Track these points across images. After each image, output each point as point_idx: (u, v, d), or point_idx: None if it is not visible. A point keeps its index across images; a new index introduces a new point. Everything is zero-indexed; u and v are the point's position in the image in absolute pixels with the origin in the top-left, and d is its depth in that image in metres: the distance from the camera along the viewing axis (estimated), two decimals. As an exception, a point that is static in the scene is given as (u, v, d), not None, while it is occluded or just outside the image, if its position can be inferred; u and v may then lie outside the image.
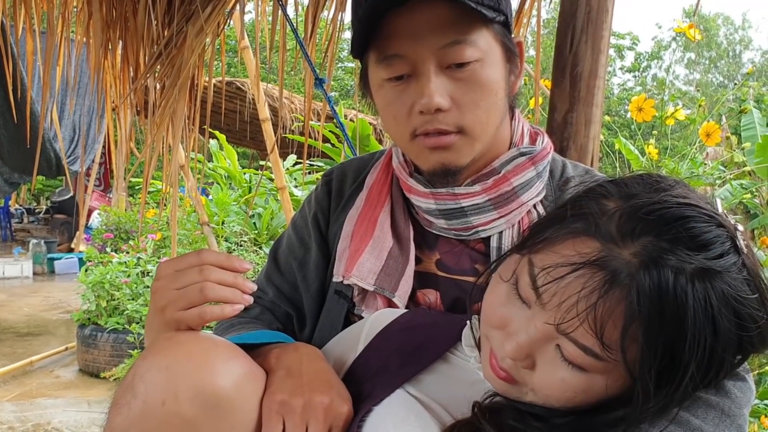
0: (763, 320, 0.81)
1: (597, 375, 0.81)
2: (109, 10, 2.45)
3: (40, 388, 5.06)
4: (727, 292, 0.78)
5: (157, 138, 2.56)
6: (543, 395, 0.85)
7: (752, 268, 0.81)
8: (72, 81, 3.69)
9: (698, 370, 0.78)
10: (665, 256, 0.77)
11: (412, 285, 1.19)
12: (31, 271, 10.71)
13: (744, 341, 0.81)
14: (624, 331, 0.76)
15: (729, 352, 0.80)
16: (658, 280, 0.76)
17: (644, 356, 0.77)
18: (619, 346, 0.77)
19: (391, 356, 1.01)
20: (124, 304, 5.38)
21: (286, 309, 1.34)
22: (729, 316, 0.78)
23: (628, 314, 0.76)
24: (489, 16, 1.05)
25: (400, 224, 1.24)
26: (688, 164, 2.48)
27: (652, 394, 0.78)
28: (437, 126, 1.09)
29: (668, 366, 0.78)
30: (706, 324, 0.76)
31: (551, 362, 0.84)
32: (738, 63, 37.19)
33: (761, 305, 0.81)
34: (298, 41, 2.44)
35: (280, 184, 4.51)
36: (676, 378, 0.78)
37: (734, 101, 14.22)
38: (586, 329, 0.78)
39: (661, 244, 0.77)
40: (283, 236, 1.42)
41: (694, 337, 0.76)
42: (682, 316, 0.76)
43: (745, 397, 0.89)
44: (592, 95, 1.52)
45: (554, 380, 0.84)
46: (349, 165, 1.40)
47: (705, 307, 0.76)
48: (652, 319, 0.76)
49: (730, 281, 0.78)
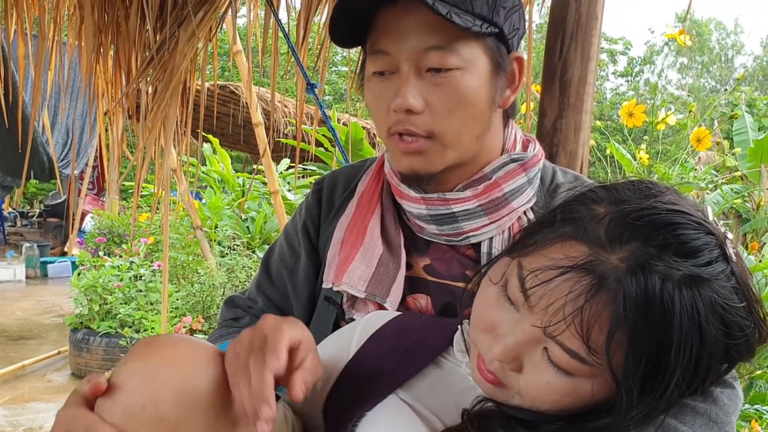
0: (750, 329, 0.81)
1: (583, 379, 0.81)
2: (101, 14, 2.44)
3: (33, 392, 5.04)
4: (714, 300, 0.78)
5: (148, 142, 2.56)
6: (529, 398, 0.85)
7: (741, 277, 0.82)
8: (64, 85, 3.67)
9: (684, 377, 0.78)
10: (653, 261, 0.77)
11: (402, 291, 1.19)
12: (24, 275, 10.68)
13: (731, 349, 0.81)
14: (610, 336, 0.76)
15: (715, 359, 0.80)
16: (645, 285, 0.76)
17: (629, 361, 0.77)
18: (605, 351, 0.77)
19: (384, 360, 1.00)
20: (117, 308, 5.37)
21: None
22: (716, 324, 0.78)
23: (614, 319, 0.76)
24: (462, 26, 1.04)
25: (391, 231, 1.24)
26: (679, 169, 2.49)
27: (636, 400, 0.78)
28: (408, 127, 1.09)
29: (653, 372, 0.78)
30: (693, 331, 0.76)
31: (538, 365, 0.84)
32: (730, 68, 37.33)
33: (749, 314, 0.81)
34: (290, 46, 2.44)
35: (272, 188, 4.51)
36: (662, 385, 0.78)
37: (726, 106, 14.27)
38: (572, 333, 0.78)
39: (649, 249, 0.77)
40: (275, 245, 1.42)
41: (680, 343, 0.76)
42: (669, 322, 0.76)
43: (733, 404, 0.89)
44: (581, 101, 1.53)
45: (540, 383, 0.84)
46: (340, 173, 1.40)
47: (692, 314, 0.76)
48: (637, 325, 0.75)
49: (718, 289, 0.78)
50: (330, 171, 1.42)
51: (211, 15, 2.35)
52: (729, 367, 0.86)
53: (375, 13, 1.09)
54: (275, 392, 0.94)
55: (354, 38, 1.16)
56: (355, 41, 1.17)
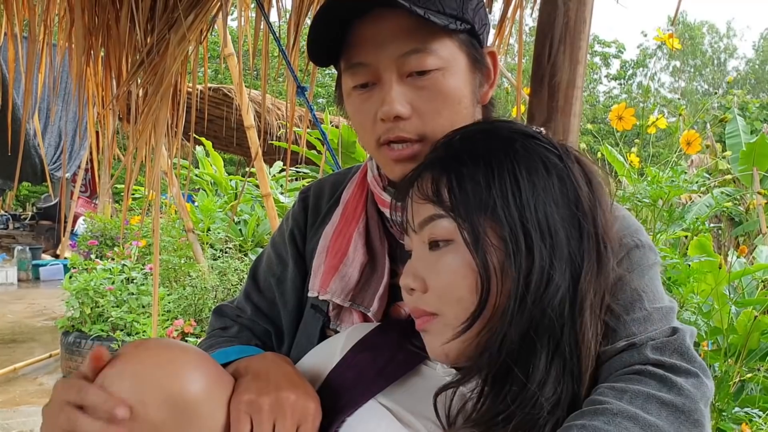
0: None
1: (458, 244, 0.92)
2: (92, 17, 2.43)
3: (24, 395, 5.03)
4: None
5: (139, 145, 2.55)
6: (443, 295, 0.93)
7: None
8: (56, 87, 3.67)
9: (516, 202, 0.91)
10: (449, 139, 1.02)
11: (386, 300, 1.19)
12: (16, 278, 10.67)
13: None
14: (434, 183, 0.94)
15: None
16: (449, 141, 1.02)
17: (454, 192, 0.93)
18: (442, 195, 0.93)
19: (365, 369, 1.02)
20: (109, 311, 5.36)
21: (265, 326, 1.33)
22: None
23: (433, 174, 0.96)
24: (441, 25, 1.05)
25: (375, 239, 1.24)
26: (670, 172, 2.50)
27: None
28: (398, 134, 1.09)
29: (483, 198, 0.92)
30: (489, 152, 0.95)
31: (430, 264, 0.95)
32: (723, 71, 37.46)
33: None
34: (280, 49, 2.44)
35: (265, 191, 4.51)
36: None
37: (719, 109, 14.32)
38: (418, 200, 0.96)
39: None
40: (262, 255, 1.42)
41: (489, 165, 0.93)
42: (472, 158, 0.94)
43: (699, 392, 0.90)
44: (570, 105, 1.53)
45: (441, 273, 0.93)
46: (326, 181, 1.40)
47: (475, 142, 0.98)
48: (448, 166, 0.95)
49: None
50: (317, 179, 1.43)
51: (202, 17, 2.34)
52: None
53: (349, 27, 1.09)
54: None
55: (331, 55, 1.16)
56: (331, 59, 1.17)
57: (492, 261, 0.89)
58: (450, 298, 0.92)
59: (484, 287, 0.89)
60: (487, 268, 0.89)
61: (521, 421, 0.87)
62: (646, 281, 1.02)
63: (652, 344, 0.94)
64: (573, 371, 0.90)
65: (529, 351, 0.88)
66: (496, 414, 0.87)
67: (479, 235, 0.89)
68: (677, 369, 0.92)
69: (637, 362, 0.93)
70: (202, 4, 2.29)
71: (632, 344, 0.95)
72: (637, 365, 0.92)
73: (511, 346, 0.88)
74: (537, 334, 0.88)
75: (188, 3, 2.26)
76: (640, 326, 0.96)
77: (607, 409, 0.85)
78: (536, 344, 0.88)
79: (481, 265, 0.89)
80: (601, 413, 0.85)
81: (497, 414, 0.87)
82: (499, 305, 0.89)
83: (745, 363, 2.36)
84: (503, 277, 0.89)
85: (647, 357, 0.93)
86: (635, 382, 0.90)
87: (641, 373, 0.91)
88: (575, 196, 0.93)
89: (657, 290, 1.03)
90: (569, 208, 0.92)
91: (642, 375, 0.91)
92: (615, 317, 0.96)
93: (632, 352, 0.94)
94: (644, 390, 0.88)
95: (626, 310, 0.97)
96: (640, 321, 0.97)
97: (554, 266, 0.89)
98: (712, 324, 2.38)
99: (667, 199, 2.42)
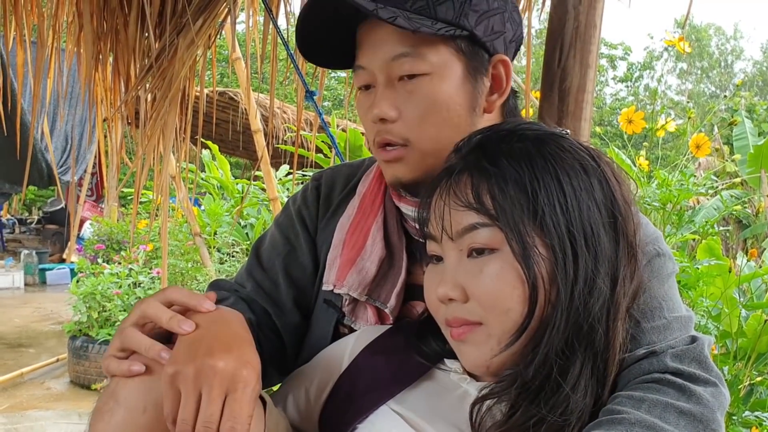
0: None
1: (505, 254, 0.89)
2: (100, 22, 2.44)
3: (31, 399, 5.03)
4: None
5: (147, 149, 2.55)
6: (490, 305, 0.90)
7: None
8: (63, 92, 3.68)
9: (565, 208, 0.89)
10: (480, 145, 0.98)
11: (403, 296, 1.18)
12: (23, 282, 10.66)
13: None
14: (475, 190, 0.91)
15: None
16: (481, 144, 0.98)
17: (497, 201, 0.89)
18: (478, 198, 0.90)
19: (377, 374, 1.01)
20: (116, 315, 5.36)
21: (264, 305, 1.27)
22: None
23: (472, 181, 0.92)
24: (428, 32, 1.05)
25: (393, 234, 1.23)
26: (679, 175, 2.49)
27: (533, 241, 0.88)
28: (385, 136, 1.11)
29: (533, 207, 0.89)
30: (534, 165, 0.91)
31: (470, 272, 0.91)
32: (730, 73, 37.38)
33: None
34: (288, 53, 2.44)
35: (271, 194, 4.51)
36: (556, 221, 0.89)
37: (726, 111, 14.26)
38: (457, 207, 0.92)
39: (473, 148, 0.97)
40: (266, 234, 1.38)
41: (533, 176, 0.90)
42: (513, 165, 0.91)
43: (717, 401, 0.90)
44: (580, 110, 1.53)
45: (486, 283, 0.89)
46: (338, 171, 1.38)
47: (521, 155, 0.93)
48: (490, 172, 0.91)
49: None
50: (328, 168, 1.42)
51: (211, 22, 2.35)
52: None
53: (355, 30, 1.14)
54: (263, 395, 0.95)
55: (336, 56, 1.21)
56: (338, 61, 1.22)
57: (540, 271, 0.87)
58: (498, 308, 0.89)
59: (534, 298, 0.87)
60: (537, 278, 0.87)
61: (550, 426, 0.86)
62: (665, 290, 1.03)
63: (671, 352, 0.94)
64: (599, 376, 0.90)
65: (569, 357, 0.88)
66: (529, 418, 0.87)
67: (528, 246, 0.87)
68: (696, 378, 0.92)
69: (656, 370, 0.93)
70: (211, 9, 2.29)
71: (652, 352, 0.95)
72: (656, 373, 0.92)
73: (555, 355, 0.87)
74: (578, 340, 0.88)
75: (197, 8, 2.26)
76: (660, 334, 0.96)
77: (625, 418, 0.85)
78: (576, 351, 0.87)
79: (531, 276, 0.87)
80: (618, 423, 0.85)
81: (530, 418, 0.87)
82: (546, 315, 0.88)
83: (755, 366, 2.35)
84: (551, 287, 0.88)
85: (666, 365, 0.93)
86: (654, 391, 0.90)
87: (660, 382, 0.91)
88: (612, 198, 0.92)
89: (676, 299, 1.03)
90: (608, 210, 0.92)
91: (661, 383, 0.91)
92: (635, 324, 0.96)
93: (651, 359, 0.94)
94: (662, 399, 0.88)
95: (646, 317, 0.97)
96: (660, 329, 0.97)
97: (598, 271, 0.88)
98: (721, 327, 2.36)
99: (676, 202, 2.41)
